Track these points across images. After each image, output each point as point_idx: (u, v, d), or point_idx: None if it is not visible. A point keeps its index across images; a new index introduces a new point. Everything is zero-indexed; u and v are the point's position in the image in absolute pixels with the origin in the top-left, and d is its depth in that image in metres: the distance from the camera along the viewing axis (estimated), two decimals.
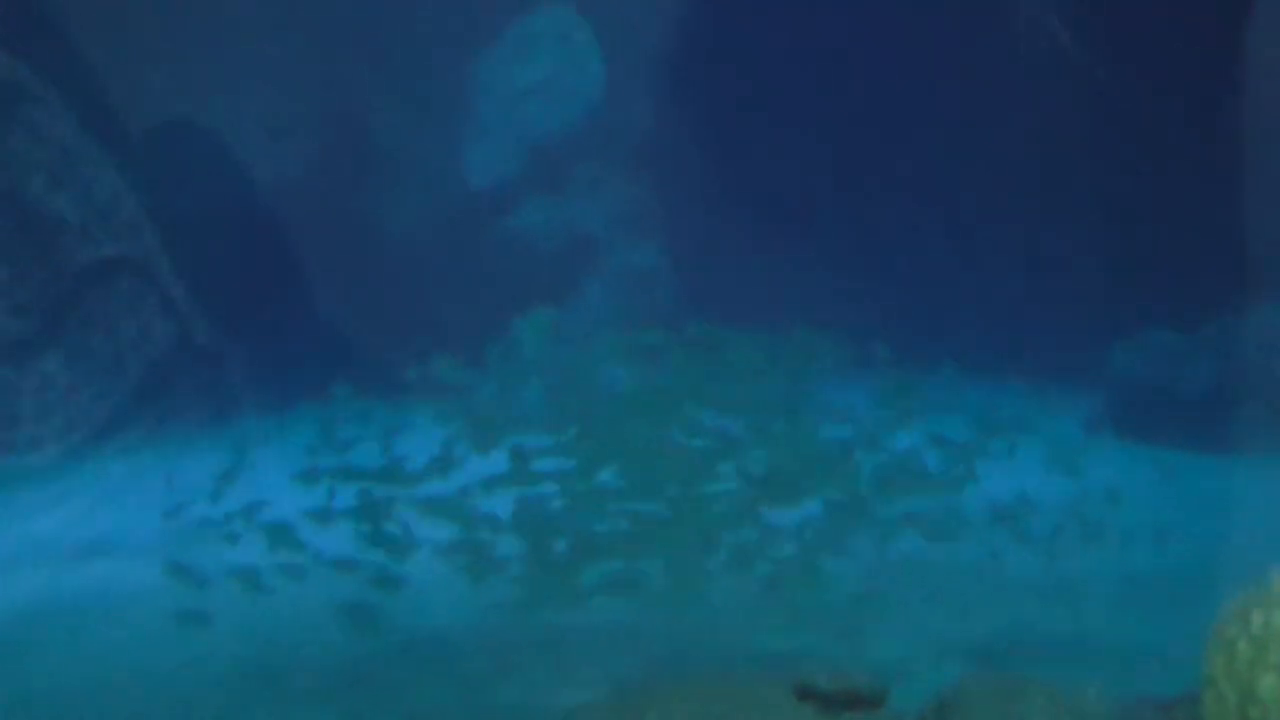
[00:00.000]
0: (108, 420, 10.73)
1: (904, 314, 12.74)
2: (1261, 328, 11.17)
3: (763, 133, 13.88)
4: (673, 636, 6.35)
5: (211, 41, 13.39)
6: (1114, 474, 8.06)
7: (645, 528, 7.00)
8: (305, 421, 9.55)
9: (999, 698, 3.54)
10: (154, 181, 12.05)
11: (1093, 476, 8.01)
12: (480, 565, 7.00)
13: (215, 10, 13.30)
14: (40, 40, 11.62)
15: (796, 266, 13.32)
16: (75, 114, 11.30)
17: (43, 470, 10.18)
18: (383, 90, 13.98)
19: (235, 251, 12.64)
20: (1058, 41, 12.55)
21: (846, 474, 7.26)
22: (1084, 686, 3.54)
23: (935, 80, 13.18)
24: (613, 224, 13.86)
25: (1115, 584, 6.75)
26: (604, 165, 14.00)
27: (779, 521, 7.13)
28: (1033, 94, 12.50)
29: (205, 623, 6.58)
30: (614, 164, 13.98)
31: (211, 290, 11.94)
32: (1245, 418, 10.74)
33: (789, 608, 6.54)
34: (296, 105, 13.74)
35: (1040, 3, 12.46)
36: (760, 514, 7.08)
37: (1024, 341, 12.42)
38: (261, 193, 13.23)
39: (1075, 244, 12.53)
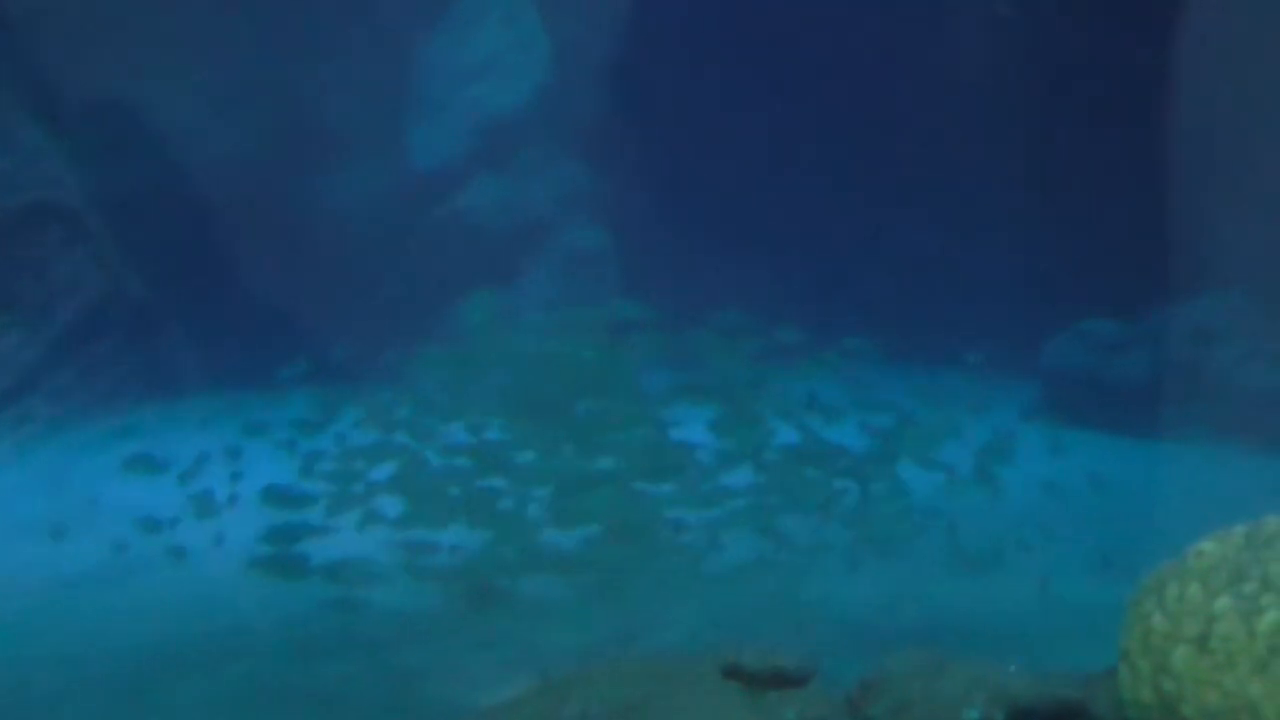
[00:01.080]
0: (37, 364, 10.63)
1: (840, 304, 12.81)
2: (1194, 317, 11.37)
3: (709, 117, 13.87)
4: None
5: (151, 12, 13.11)
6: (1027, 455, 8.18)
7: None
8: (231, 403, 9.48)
9: (922, 674, 3.56)
10: (88, 151, 11.84)
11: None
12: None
13: None
14: None
15: (738, 253, 13.33)
16: None
17: None
18: (326, 68, 13.77)
19: (170, 229, 12.44)
20: (995, 38, 12.66)
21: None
22: (1005, 662, 3.57)
23: (877, 74, 13.26)
24: (559, 206, 13.77)
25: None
26: (551, 146, 13.90)
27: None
28: (970, 90, 12.59)
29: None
30: (561, 145, 13.89)
31: (147, 258, 11.81)
32: (1178, 405, 10.93)
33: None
34: (238, 81, 13.50)
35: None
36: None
37: (965, 331, 12.55)
38: (200, 170, 13.00)
39: (1015, 236, 12.67)
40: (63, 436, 10.06)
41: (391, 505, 7.34)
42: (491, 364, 8.03)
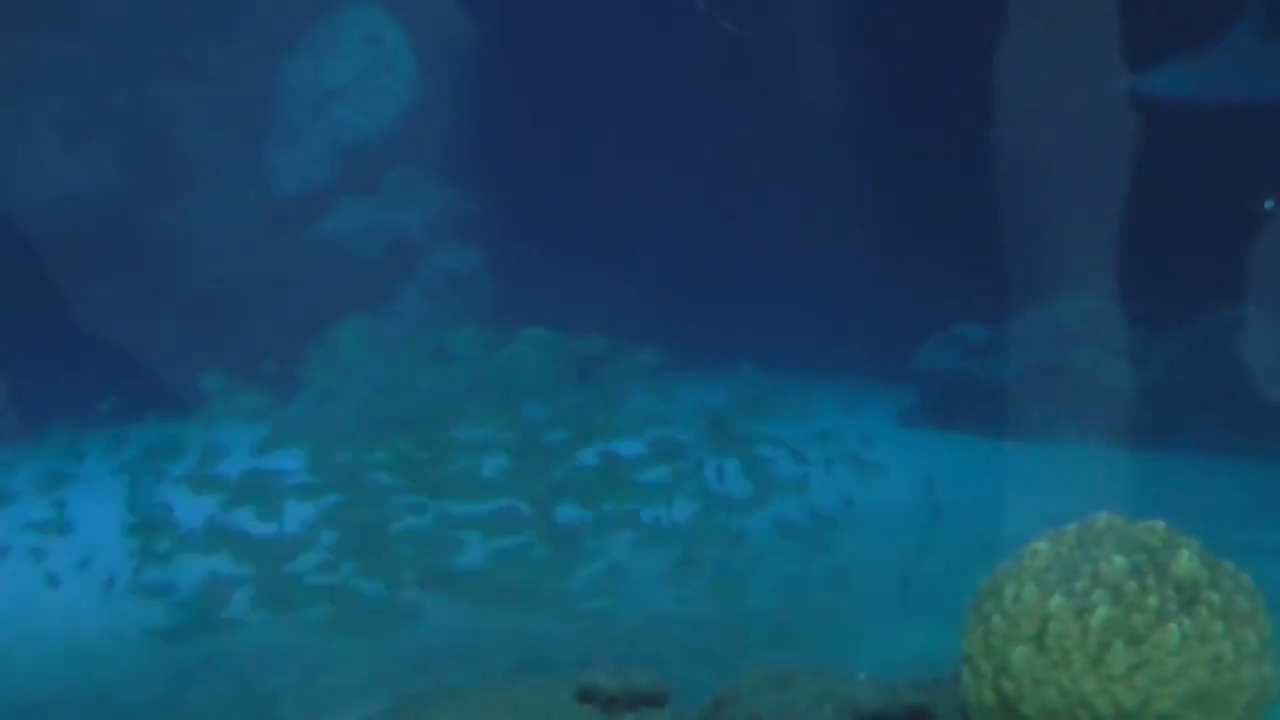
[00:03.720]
0: None
1: (716, 320, 12.92)
2: (1056, 320, 11.72)
3: (582, 136, 13.88)
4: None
5: None
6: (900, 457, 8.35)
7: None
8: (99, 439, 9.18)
9: (771, 687, 3.55)
10: None
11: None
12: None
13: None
14: None
15: (612, 272, 13.34)
16: None
17: None
18: (183, 93, 13.40)
19: (21, 266, 12.00)
20: (844, 49, 12.94)
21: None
22: (854, 671, 3.58)
23: (743, 94, 13.46)
24: (429, 228, 13.60)
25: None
26: (419, 168, 13.73)
27: None
28: (832, 102, 12.83)
29: None
30: (429, 166, 13.73)
31: None
32: (1043, 405, 11.23)
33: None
34: (89, 110, 13.04)
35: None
36: None
37: (841, 342, 12.76)
38: (51, 204, 12.53)
39: (882, 246, 12.93)
40: None
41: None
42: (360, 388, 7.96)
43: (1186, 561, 3.16)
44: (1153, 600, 3.09)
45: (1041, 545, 3.28)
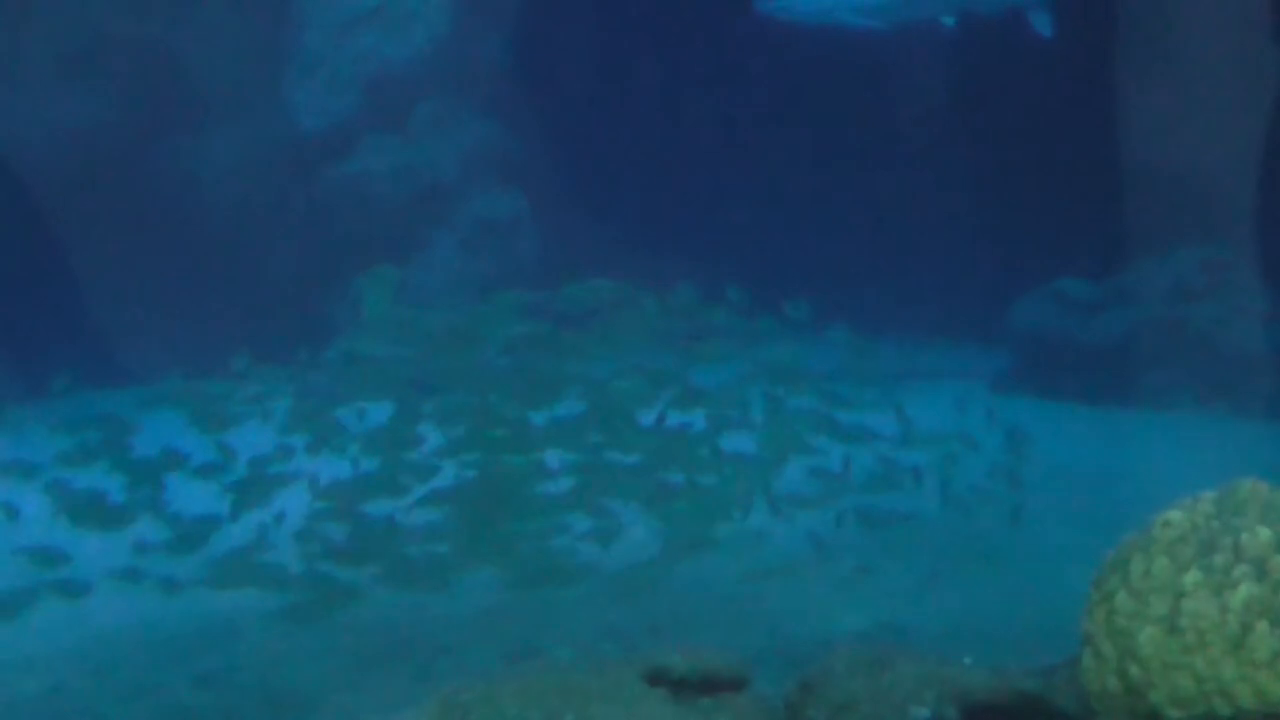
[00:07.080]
0: None
1: (807, 274, 12.83)
2: (1176, 273, 11.56)
3: (639, 64, 13.82)
4: None
5: None
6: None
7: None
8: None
9: (866, 670, 3.56)
10: None
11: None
12: None
13: None
14: None
15: (677, 217, 13.32)
16: None
17: None
18: (194, 18, 13.52)
19: (13, 210, 12.19)
20: None
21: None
22: (958, 656, 3.58)
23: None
24: (465, 168, 13.66)
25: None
26: (453, 101, 13.77)
27: None
28: (920, 41, 12.67)
29: None
30: (464, 100, 13.77)
31: None
32: (1157, 369, 11.11)
33: None
34: (92, 35, 13.20)
35: None
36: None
37: (934, 299, 12.70)
38: (48, 140, 12.71)
39: (983, 194, 12.80)
40: None
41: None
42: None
43: None
44: None
45: (1175, 514, 3.25)
